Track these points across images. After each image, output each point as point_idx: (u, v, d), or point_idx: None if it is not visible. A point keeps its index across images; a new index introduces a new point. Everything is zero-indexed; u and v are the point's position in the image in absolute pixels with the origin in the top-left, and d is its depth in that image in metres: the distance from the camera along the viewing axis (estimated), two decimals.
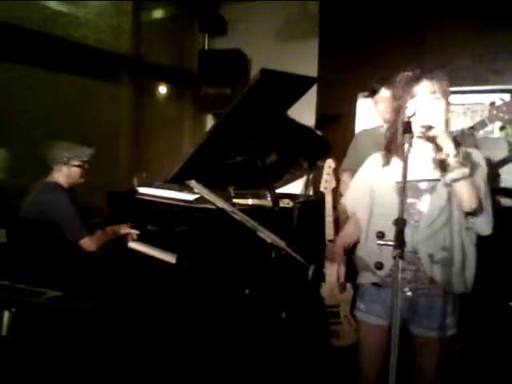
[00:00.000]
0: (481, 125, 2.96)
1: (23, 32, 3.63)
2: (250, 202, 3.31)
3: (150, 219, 3.23)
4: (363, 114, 4.35)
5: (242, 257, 2.74)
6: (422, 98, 1.88)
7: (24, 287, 2.30)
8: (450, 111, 1.93)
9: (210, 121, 5.32)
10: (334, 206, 3.02)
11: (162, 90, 5.17)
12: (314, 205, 3.22)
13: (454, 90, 4.19)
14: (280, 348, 2.83)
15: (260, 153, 3.04)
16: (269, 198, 3.11)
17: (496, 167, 3.89)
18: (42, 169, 3.17)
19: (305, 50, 4.78)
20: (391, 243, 1.53)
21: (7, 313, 1.96)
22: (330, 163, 2.99)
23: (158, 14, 5.10)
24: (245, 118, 2.84)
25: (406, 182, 1.57)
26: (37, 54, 3.78)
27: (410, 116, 1.83)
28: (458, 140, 2.96)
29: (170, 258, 2.87)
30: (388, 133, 2.02)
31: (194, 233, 2.83)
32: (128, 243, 3.25)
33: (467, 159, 1.83)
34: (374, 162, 2.09)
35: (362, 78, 3.46)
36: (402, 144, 1.70)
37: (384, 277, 1.98)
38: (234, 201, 3.20)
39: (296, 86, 2.86)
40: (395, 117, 1.95)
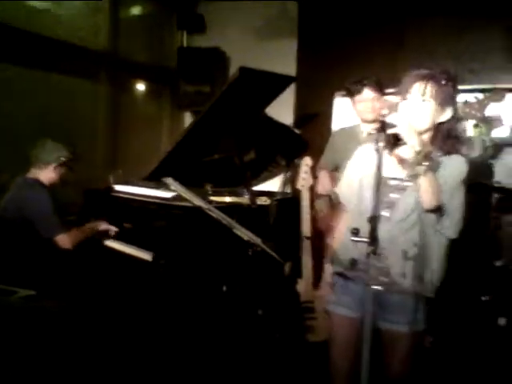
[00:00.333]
0: None
1: None
2: (227, 199, 3.29)
3: (126, 217, 3.18)
4: (340, 113, 4.35)
5: (219, 254, 2.72)
6: (410, 98, 1.90)
7: None
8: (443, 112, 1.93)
9: (189, 119, 5.27)
10: (311, 203, 3.02)
11: (140, 87, 5.12)
12: (291, 202, 3.22)
13: None
14: (257, 344, 2.84)
15: (238, 150, 3.04)
16: (246, 196, 3.10)
17: (470, 165, 3.92)
18: (22, 166, 3.12)
19: (283, 49, 4.76)
20: (366, 240, 1.55)
21: None
22: (307, 161, 3.00)
23: (135, 10, 5.03)
24: (223, 116, 2.83)
25: (380, 179, 1.60)
26: (13, 51, 3.69)
27: (384, 115, 1.82)
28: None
29: (146, 255, 2.83)
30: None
31: (170, 230, 2.81)
32: (104, 241, 3.20)
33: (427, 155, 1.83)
34: (364, 154, 2.05)
35: (339, 77, 3.46)
36: (376, 142, 1.72)
37: (356, 270, 1.98)
38: (212, 198, 3.17)
39: (274, 85, 2.86)
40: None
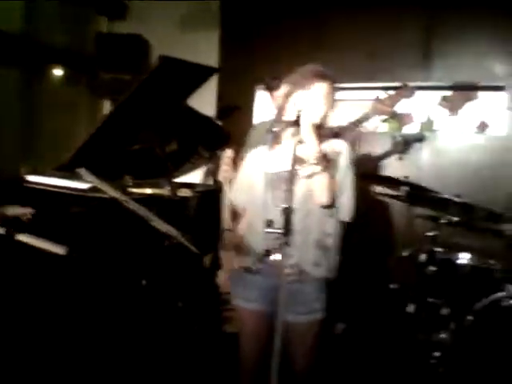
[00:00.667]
0: (364, 118, 3.08)
1: None
2: (148, 191, 3.22)
3: (39, 209, 3.00)
4: (262, 106, 4.38)
5: (137, 247, 2.64)
6: (313, 95, 1.94)
7: None
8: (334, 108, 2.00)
9: (108, 107, 5.07)
10: None
11: (57, 72, 4.83)
12: (212, 194, 3.19)
13: (346, 86, 4.39)
14: (176, 336, 2.81)
15: (159, 141, 2.97)
16: (168, 188, 3.03)
17: (380, 159, 4.10)
18: None
19: (207, 39, 4.70)
20: (279, 231, 1.61)
21: None
22: (228, 153, 2.97)
23: None
24: (143, 105, 2.75)
25: (293, 172, 1.69)
26: None
27: (299, 110, 1.84)
28: (340, 133, 3.07)
29: (59, 249, 2.68)
30: (278, 125, 2.00)
31: (86, 223, 2.68)
32: (15, 235, 3.00)
33: (328, 154, 1.91)
34: (254, 157, 2.12)
35: (261, 70, 3.47)
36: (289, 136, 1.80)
37: (263, 263, 2.00)
38: (132, 190, 3.08)
39: (196, 75, 2.81)
40: (284, 111, 1.99)
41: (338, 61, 4.19)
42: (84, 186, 2.84)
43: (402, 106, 4.26)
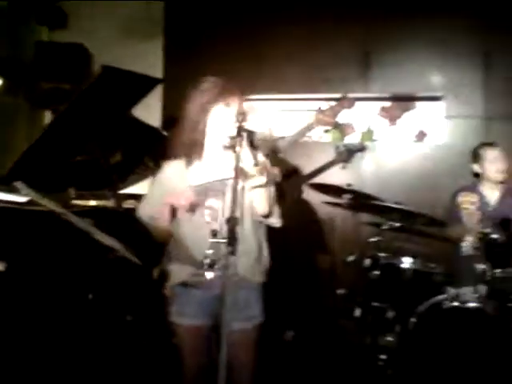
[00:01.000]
0: (307, 128, 3.10)
1: None
2: (92, 203, 3.14)
3: None
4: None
5: (79, 261, 2.54)
6: (234, 108, 1.92)
7: None
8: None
9: (49, 118, 4.88)
10: None
11: None
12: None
13: (287, 97, 4.42)
14: (125, 350, 2.74)
15: (103, 152, 2.89)
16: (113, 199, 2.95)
17: (324, 168, 4.16)
18: None
19: (151, 48, 4.63)
20: (223, 240, 1.59)
21: None
22: None
23: None
24: (85, 116, 2.67)
25: (237, 182, 1.67)
26: None
27: (240, 120, 1.82)
28: (276, 145, 3.08)
29: None
30: (189, 137, 1.97)
31: (25, 237, 2.55)
32: None
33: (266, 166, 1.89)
34: (170, 170, 2.05)
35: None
36: (230, 147, 1.78)
37: (198, 276, 1.96)
38: (75, 202, 2.98)
39: (140, 85, 2.75)
40: (200, 123, 1.95)
41: (279, 72, 4.26)
42: (22, 199, 2.70)
43: (343, 116, 4.38)
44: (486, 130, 4.04)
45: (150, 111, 3.67)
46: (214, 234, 1.72)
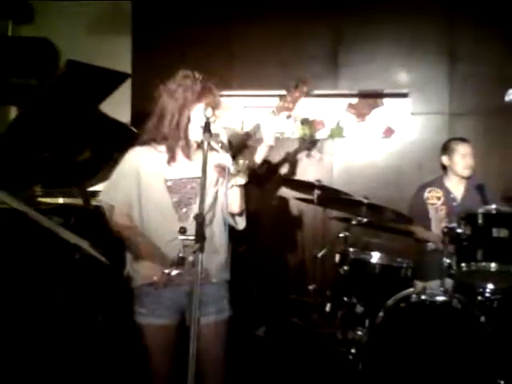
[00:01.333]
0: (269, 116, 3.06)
1: None
2: (60, 200, 3.08)
3: None
4: None
5: (45, 260, 2.46)
6: (211, 106, 1.87)
7: None
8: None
9: (14, 114, 4.72)
10: None
11: None
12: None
13: (259, 94, 4.40)
14: (96, 348, 2.69)
15: (71, 148, 2.82)
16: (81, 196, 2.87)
17: (290, 160, 4.18)
18: None
19: (120, 43, 4.52)
20: (192, 237, 1.59)
21: None
22: None
23: None
24: (52, 111, 2.58)
25: (205, 179, 1.66)
26: None
27: (209, 117, 1.78)
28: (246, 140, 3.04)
29: None
30: (167, 132, 1.94)
31: None
32: None
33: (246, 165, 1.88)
34: (141, 156, 1.99)
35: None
36: (201, 142, 1.75)
37: (165, 275, 1.90)
38: (41, 200, 2.88)
39: (107, 81, 2.67)
40: (177, 117, 1.91)
41: (249, 69, 4.24)
42: None
43: (314, 112, 4.40)
44: (451, 126, 4.10)
45: (118, 108, 3.59)
46: (183, 231, 1.67)
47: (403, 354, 2.49)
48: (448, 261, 2.58)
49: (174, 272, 1.85)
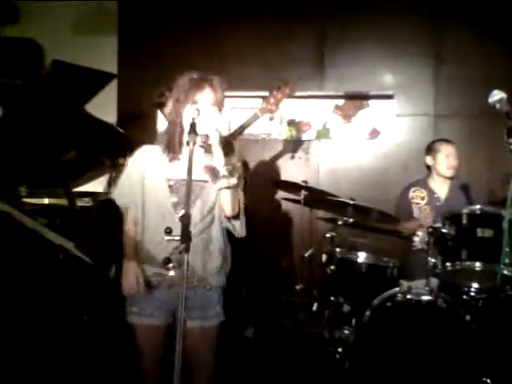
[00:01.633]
0: (253, 118, 3.07)
1: None
2: (45, 201, 3.04)
3: None
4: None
5: (29, 261, 2.42)
6: (202, 106, 1.87)
7: None
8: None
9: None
10: None
11: None
12: (115, 203, 3.03)
13: (245, 95, 4.40)
14: (83, 350, 2.67)
15: (56, 149, 2.80)
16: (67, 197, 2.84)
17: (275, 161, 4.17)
18: None
19: (106, 44, 4.48)
20: (177, 238, 1.54)
21: None
22: None
23: None
24: (37, 112, 2.55)
25: (191, 180, 1.62)
26: None
27: (194, 117, 1.77)
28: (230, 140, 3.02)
29: None
30: (169, 133, 1.96)
31: None
32: None
33: (237, 167, 1.87)
34: (146, 156, 1.99)
35: (161, 78, 3.34)
36: (187, 143, 1.71)
37: (157, 275, 1.93)
38: (26, 200, 2.84)
39: (93, 81, 2.64)
40: (175, 118, 1.93)
41: (234, 70, 4.22)
42: None
43: (300, 113, 4.40)
44: (436, 128, 4.13)
45: (105, 108, 3.55)
46: (169, 231, 1.63)
47: (389, 352, 2.49)
48: (433, 260, 2.60)
49: (167, 273, 1.87)
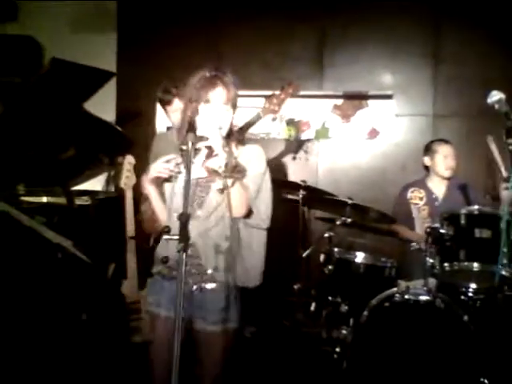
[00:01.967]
0: (256, 118, 3.06)
1: None
2: (43, 199, 3.04)
3: None
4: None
5: (26, 260, 2.42)
6: (214, 105, 1.85)
7: None
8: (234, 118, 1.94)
9: None
10: (135, 202, 2.86)
11: None
12: (113, 201, 3.03)
13: (244, 94, 4.37)
14: (82, 348, 2.66)
15: (55, 147, 2.81)
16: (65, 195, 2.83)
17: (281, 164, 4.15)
18: None
19: (105, 42, 4.47)
20: (176, 237, 1.52)
21: None
22: (130, 159, 2.88)
23: None
24: (36, 109, 2.56)
25: (190, 179, 1.61)
26: None
27: (192, 116, 1.76)
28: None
29: None
30: (181, 132, 1.93)
31: None
32: None
33: (239, 165, 1.85)
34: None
35: (160, 75, 3.34)
36: (186, 142, 1.69)
37: (171, 269, 1.91)
38: (24, 199, 2.84)
39: (92, 79, 2.64)
40: (183, 115, 1.91)
41: (233, 69, 4.19)
42: None
43: (299, 113, 4.38)
44: (435, 128, 4.12)
45: (103, 106, 3.55)
46: (167, 230, 1.62)
47: (387, 352, 2.48)
48: (431, 260, 2.59)
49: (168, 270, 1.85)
